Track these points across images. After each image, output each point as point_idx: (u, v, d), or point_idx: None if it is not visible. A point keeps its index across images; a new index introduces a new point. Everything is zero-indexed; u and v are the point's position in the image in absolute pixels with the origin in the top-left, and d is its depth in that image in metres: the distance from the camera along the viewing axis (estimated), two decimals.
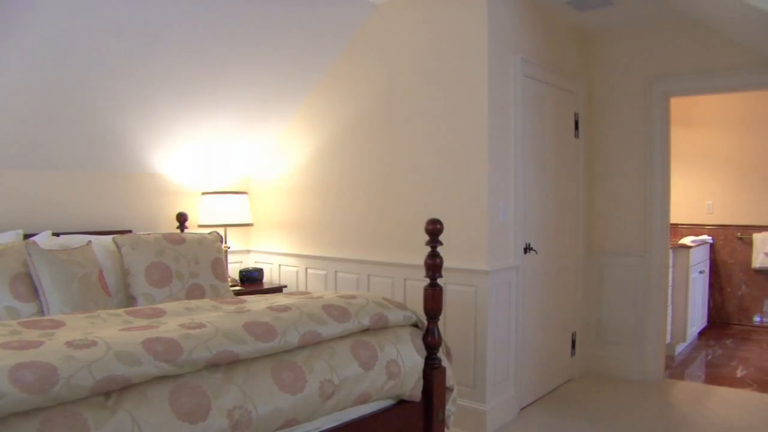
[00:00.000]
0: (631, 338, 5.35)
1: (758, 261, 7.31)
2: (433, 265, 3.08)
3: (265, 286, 5.21)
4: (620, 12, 4.94)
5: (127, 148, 4.62)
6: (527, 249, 4.59)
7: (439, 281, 3.14)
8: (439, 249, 3.10)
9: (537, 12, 4.69)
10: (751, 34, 4.20)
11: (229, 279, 4.69)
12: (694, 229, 7.75)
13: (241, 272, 5.31)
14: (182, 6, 3.87)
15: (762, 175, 7.21)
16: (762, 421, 4.31)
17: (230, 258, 5.41)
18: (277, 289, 5.15)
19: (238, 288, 5.02)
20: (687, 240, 6.81)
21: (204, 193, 5.18)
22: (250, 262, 5.81)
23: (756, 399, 4.81)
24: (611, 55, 5.42)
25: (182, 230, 4.91)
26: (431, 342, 3.11)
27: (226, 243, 5.15)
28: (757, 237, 7.32)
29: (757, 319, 7.44)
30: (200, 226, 5.08)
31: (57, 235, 4.03)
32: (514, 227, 4.43)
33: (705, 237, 7.45)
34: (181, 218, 4.92)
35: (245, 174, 5.73)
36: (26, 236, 3.87)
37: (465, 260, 4.22)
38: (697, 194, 7.74)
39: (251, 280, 5.29)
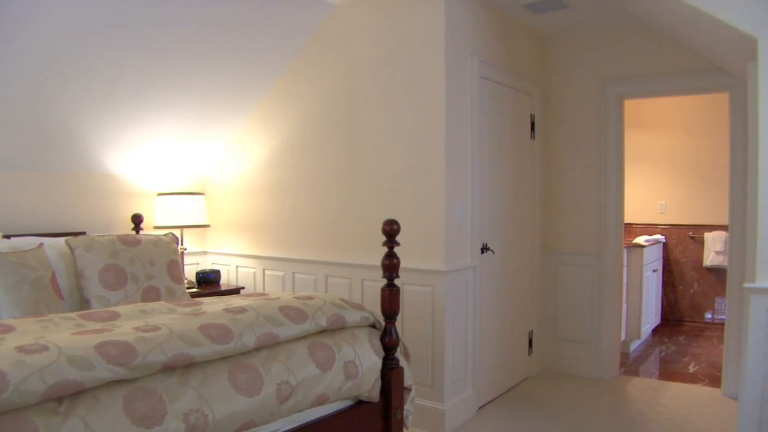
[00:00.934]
0: (587, 336, 5.43)
1: (709, 259, 7.47)
2: (390, 266, 3.09)
3: (223, 288, 5.16)
4: (575, 16, 5.00)
5: (80, 148, 4.54)
6: (484, 249, 4.62)
7: (397, 282, 3.15)
8: (397, 249, 3.12)
9: (494, 14, 4.73)
10: (699, 38, 4.29)
11: (185, 281, 4.64)
12: (648, 228, 7.90)
13: (197, 274, 5.26)
14: (137, 5, 3.82)
15: (713, 176, 7.37)
16: (713, 415, 4.41)
17: (187, 260, 5.35)
18: (235, 291, 5.11)
19: (194, 290, 4.97)
20: (641, 239, 6.93)
21: (160, 194, 5.11)
22: (206, 264, 5.76)
23: (707, 393, 4.92)
24: (566, 57, 5.50)
25: (137, 232, 4.84)
26: (389, 342, 3.12)
27: (182, 244, 5.10)
28: (708, 236, 7.48)
29: (708, 315, 7.60)
30: (156, 227, 5.02)
31: (8, 237, 3.94)
32: (471, 227, 4.46)
33: (658, 236, 7.59)
34: (137, 219, 4.86)
35: (202, 175, 5.68)
36: None
37: (422, 260, 4.23)
38: (651, 194, 7.89)
39: (208, 282, 5.24)
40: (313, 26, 4.79)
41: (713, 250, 7.42)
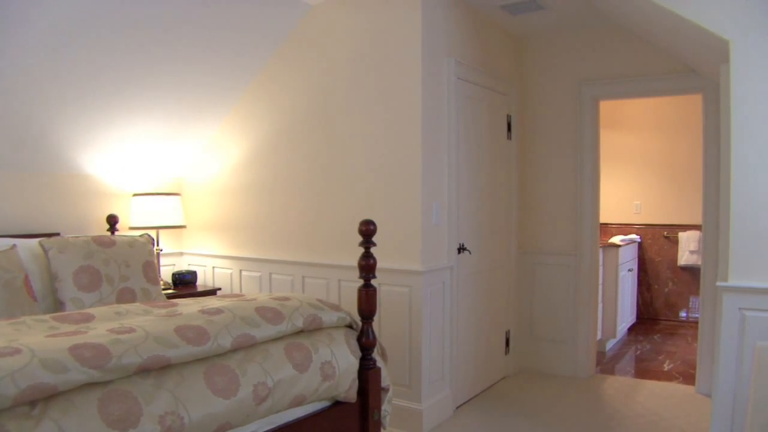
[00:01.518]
0: (563, 335, 5.47)
1: (684, 259, 7.55)
2: (367, 266, 3.09)
3: (199, 289, 5.14)
4: (552, 17, 5.04)
5: (55, 148, 4.49)
6: (461, 249, 4.64)
7: (373, 282, 3.15)
8: (374, 250, 3.11)
9: (470, 15, 4.75)
10: (673, 41, 4.33)
11: (161, 282, 4.62)
12: (623, 228, 7.97)
13: (173, 275, 5.22)
14: (112, 5, 3.78)
15: (687, 176, 7.45)
16: (687, 412, 4.46)
17: (162, 261, 5.32)
18: (211, 292, 5.09)
19: (170, 291, 4.94)
20: (616, 239, 6.99)
21: (135, 195, 5.07)
22: (183, 265, 5.72)
23: (681, 391, 4.97)
24: (543, 58, 5.53)
25: (113, 233, 4.80)
26: (366, 343, 3.12)
27: (158, 245, 5.07)
28: (683, 235, 7.56)
29: (683, 314, 7.69)
30: (131, 228, 4.98)
31: None
32: (448, 227, 4.48)
33: (633, 236, 7.67)
34: (112, 220, 4.82)
35: (177, 175, 5.64)
36: None
37: (399, 261, 4.24)
38: (626, 194, 7.96)
39: (184, 283, 5.20)
40: (289, 26, 4.78)
41: (687, 249, 7.50)
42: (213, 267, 5.51)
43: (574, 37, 5.38)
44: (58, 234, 4.53)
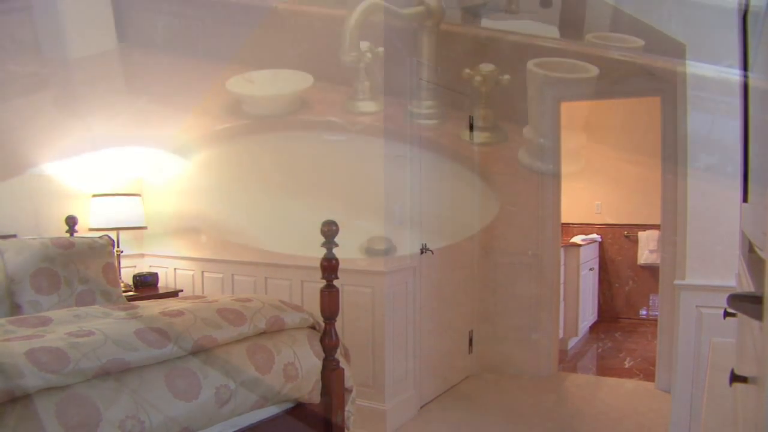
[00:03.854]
0: (526, 334, 5.52)
1: (643, 258, 7.66)
2: (329, 267, 3.09)
3: (160, 291, 5.08)
4: (514, 19, 5.06)
5: (11, 147, 4.40)
6: (424, 250, 4.65)
7: (336, 283, 3.15)
8: (336, 250, 3.11)
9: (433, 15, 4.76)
10: (631, 44, 4.39)
11: (122, 284, 4.55)
12: (584, 228, 8.05)
13: (134, 277, 5.15)
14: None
15: (646, 177, 7.53)
16: (647, 408, 4.53)
17: (123, 262, 5.24)
18: (173, 294, 5.03)
19: (131, 293, 4.87)
20: (577, 239, 7.07)
21: (95, 195, 4.99)
22: (144, 267, 5.64)
23: (642, 387, 5.06)
24: (504, 60, 5.56)
25: (71, 234, 4.72)
26: (328, 344, 3.12)
27: (118, 247, 5.00)
28: (642, 235, 7.67)
29: (643, 312, 7.81)
30: (91, 229, 4.90)
31: None
32: (411, 228, 4.49)
33: (594, 236, 7.75)
34: (71, 221, 4.73)
35: (138, 175, 5.56)
36: None
37: (362, 261, 4.24)
38: (587, 195, 8.04)
39: (146, 285, 5.14)
40: (252, 27, 4.75)
41: (647, 248, 7.62)
42: (174, 268, 5.45)
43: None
44: (14, 236, 4.44)
